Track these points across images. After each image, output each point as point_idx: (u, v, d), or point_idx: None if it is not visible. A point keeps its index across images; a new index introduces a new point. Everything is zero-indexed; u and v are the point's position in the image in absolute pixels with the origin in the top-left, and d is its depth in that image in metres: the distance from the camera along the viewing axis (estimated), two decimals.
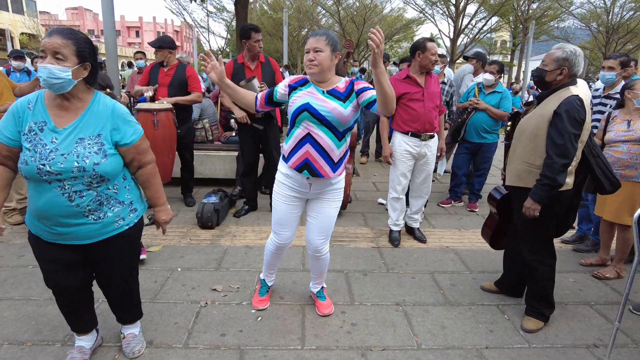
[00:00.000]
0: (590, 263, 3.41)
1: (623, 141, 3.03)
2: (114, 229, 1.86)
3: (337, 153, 2.19)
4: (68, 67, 1.62)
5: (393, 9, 24.05)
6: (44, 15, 36.72)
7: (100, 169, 1.71)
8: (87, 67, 1.70)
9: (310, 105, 2.10)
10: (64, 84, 1.63)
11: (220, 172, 5.23)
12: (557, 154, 2.23)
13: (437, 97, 3.56)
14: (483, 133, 4.46)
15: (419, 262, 3.39)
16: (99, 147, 1.72)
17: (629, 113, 3.08)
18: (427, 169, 3.65)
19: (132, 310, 2.20)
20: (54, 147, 1.66)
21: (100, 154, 1.71)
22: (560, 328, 2.55)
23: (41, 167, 1.63)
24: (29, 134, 1.67)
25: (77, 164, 1.66)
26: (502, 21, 23.08)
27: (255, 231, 3.94)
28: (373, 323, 2.54)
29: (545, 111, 2.33)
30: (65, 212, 1.71)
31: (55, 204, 1.69)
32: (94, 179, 1.72)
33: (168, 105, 4.00)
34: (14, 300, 2.65)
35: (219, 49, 26.31)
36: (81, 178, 1.69)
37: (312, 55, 2.08)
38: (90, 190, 1.73)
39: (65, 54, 1.61)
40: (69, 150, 1.66)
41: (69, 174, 1.66)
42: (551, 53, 2.36)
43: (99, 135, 1.73)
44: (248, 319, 2.53)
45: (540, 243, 2.52)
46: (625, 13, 19.90)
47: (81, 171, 1.67)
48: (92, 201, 1.75)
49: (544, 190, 2.28)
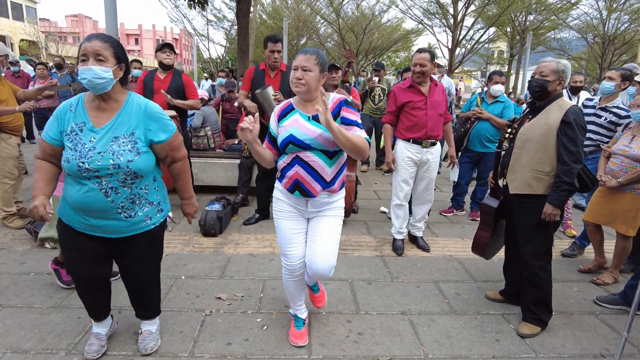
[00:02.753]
0: (589, 268, 3.47)
1: (619, 154, 3.11)
2: (142, 227, 1.98)
3: (329, 172, 2.10)
4: (109, 68, 1.77)
5: (391, 20, 24.21)
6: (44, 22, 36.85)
7: (134, 166, 1.82)
8: (123, 68, 1.85)
9: (294, 137, 2.04)
10: (106, 83, 1.78)
11: (222, 179, 5.22)
12: (573, 160, 2.34)
13: (440, 106, 3.57)
14: (486, 142, 4.49)
15: (423, 271, 3.39)
16: (132, 145, 1.83)
17: (638, 129, 3.11)
18: (429, 176, 3.66)
19: (151, 306, 2.27)
20: (92, 146, 1.79)
21: (133, 152, 1.82)
22: (566, 338, 2.54)
23: (81, 164, 1.76)
24: (71, 134, 1.82)
25: (112, 162, 1.78)
26: (500, 32, 23.35)
27: (259, 239, 3.93)
28: (379, 332, 2.52)
29: (550, 120, 2.40)
30: (101, 206, 1.83)
31: (92, 198, 1.81)
32: (128, 175, 1.83)
33: (172, 113, 4.02)
34: (17, 307, 2.63)
35: (218, 57, 26.43)
36: (117, 175, 1.81)
37: (300, 74, 2.00)
38: (125, 187, 1.85)
39: (106, 55, 1.77)
40: (104, 149, 1.79)
41: (105, 171, 1.78)
42: (548, 65, 2.45)
43: (133, 134, 1.85)
44: (254, 327, 2.52)
45: (542, 249, 2.55)
46: (620, 25, 20.16)
47: (116, 168, 1.79)
48: (126, 198, 1.87)
49: (564, 195, 2.37)
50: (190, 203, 2.26)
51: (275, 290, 2.96)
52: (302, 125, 2.06)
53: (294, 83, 2.03)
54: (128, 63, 1.90)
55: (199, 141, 5.48)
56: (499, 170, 2.76)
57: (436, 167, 3.67)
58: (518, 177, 2.54)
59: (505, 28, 23.07)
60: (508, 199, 2.66)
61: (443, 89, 3.65)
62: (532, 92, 2.51)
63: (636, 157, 2.98)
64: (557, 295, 2.99)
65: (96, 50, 1.75)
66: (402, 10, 21.63)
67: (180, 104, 4.21)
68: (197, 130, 5.49)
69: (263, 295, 2.89)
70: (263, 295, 2.90)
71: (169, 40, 43.30)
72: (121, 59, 1.84)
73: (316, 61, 2.02)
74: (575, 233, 4.20)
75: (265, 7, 23.73)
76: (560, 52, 23.80)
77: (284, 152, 2.13)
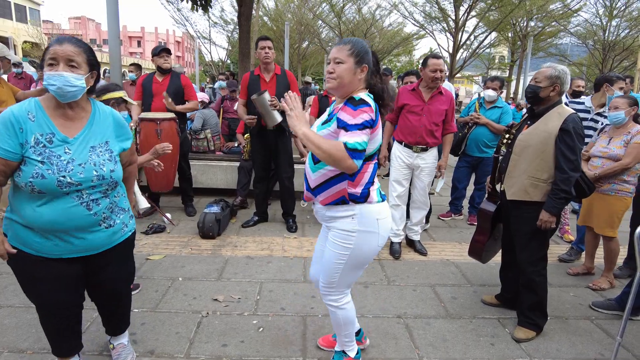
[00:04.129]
0: (577, 272, 3.51)
1: (599, 156, 3.16)
2: (121, 236, 1.89)
3: (312, 178, 1.86)
4: (82, 75, 1.62)
5: (392, 24, 24.33)
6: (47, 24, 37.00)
7: (116, 176, 1.75)
8: (94, 76, 1.71)
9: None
10: (78, 92, 1.62)
11: (221, 182, 5.24)
12: (571, 169, 2.35)
13: (438, 115, 3.56)
14: (484, 147, 4.51)
15: (419, 275, 3.40)
16: (109, 154, 1.74)
17: (614, 131, 3.17)
18: (422, 181, 3.68)
19: (126, 319, 2.18)
20: (70, 158, 1.63)
21: (112, 161, 1.74)
22: (561, 342, 2.55)
23: (61, 179, 1.60)
24: (37, 146, 1.59)
25: (97, 173, 1.67)
26: (501, 37, 23.42)
27: (257, 242, 3.95)
28: (374, 335, 2.53)
29: (549, 127, 2.41)
30: (83, 221, 1.70)
31: (72, 214, 1.66)
32: (110, 185, 1.76)
33: (171, 115, 4.05)
34: (14, 307, 2.64)
35: (220, 60, 26.52)
36: (99, 186, 1.71)
37: (332, 67, 1.77)
38: (105, 198, 1.76)
39: (78, 61, 1.61)
40: (85, 160, 1.66)
41: (88, 183, 1.66)
42: (543, 71, 2.47)
43: (107, 143, 1.75)
44: (249, 329, 2.53)
45: (538, 255, 2.56)
46: (620, 32, 20.23)
47: (100, 179, 1.69)
48: (106, 208, 1.78)
49: (561, 203, 2.39)
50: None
51: (272, 293, 2.98)
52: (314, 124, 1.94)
53: (326, 77, 1.84)
54: (100, 70, 1.77)
55: (199, 144, 5.52)
56: (496, 175, 2.78)
57: (429, 173, 3.68)
58: (515, 183, 2.55)
59: (507, 33, 23.13)
60: (505, 204, 2.67)
61: (450, 99, 3.62)
62: (526, 98, 2.55)
63: (616, 157, 3.05)
64: (553, 300, 3.01)
65: (68, 55, 1.58)
66: (403, 15, 21.67)
67: (181, 110, 4.23)
68: (197, 132, 5.53)
69: (260, 298, 2.90)
70: (260, 297, 2.91)
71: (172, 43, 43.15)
72: (94, 66, 1.69)
73: (350, 51, 1.74)
74: (572, 238, 4.21)
75: (267, 10, 23.84)
76: (561, 58, 23.87)
77: None
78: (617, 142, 3.09)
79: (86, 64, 1.64)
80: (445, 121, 3.64)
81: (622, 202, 3.11)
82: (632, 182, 3.08)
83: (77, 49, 1.61)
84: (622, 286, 3.13)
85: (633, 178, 3.08)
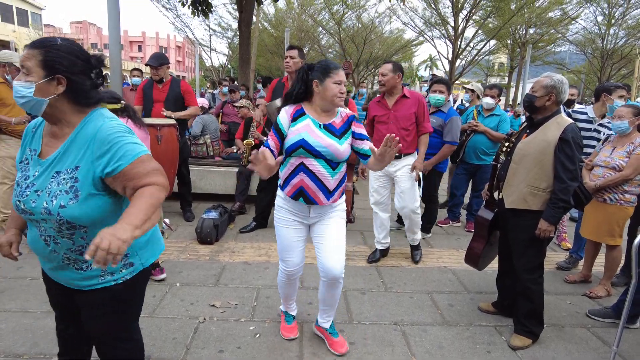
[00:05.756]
0: (575, 280, 3.52)
1: (602, 166, 3.17)
2: (99, 283, 1.49)
3: (332, 182, 2.16)
4: (31, 82, 1.30)
5: (392, 31, 24.43)
6: (49, 28, 37.20)
7: (66, 214, 1.34)
8: (62, 82, 1.34)
9: (306, 142, 2.08)
10: (32, 103, 1.33)
11: (220, 187, 5.26)
12: (570, 178, 2.36)
13: (405, 119, 3.48)
14: (481, 155, 4.54)
15: (417, 282, 3.40)
16: (71, 183, 1.35)
17: (617, 141, 3.18)
18: (400, 188, 3.59)
19: None
20: (31, 182, 1.39)
21: (70, 194, 1.34)
22: (557, 350, 2.55)
23: (17, 203, 1.39)
24: (22, 163, 1.46)
25: (45, 205, 1.34)
26: (500, 44, 23.55)
27: (254, 247, 3.95)
28: (371, 342, 2.53)
29: (548, 137, 2.43)
30: (46, 254, 1.45)
31: (37, 243, 1.44)
32: (62, 225, 1.36)
33: (172, 121, 4.06)
34: (11, 312, 2.64)
35: (221, 65, 26.62)
36: (50, 222, 1.36)
37: (343, 89, 2.16)
38: (63, 238, 1.40)
39: (28, 66, 1.31)
40: (43, 187, 1.36)
41: (39, 215, 1.36)
42: (540, 80, 2.50)
43: (76, 168, 1.36)
44: (246, 335, 2.53)
45: (535, 263, 2.58)
46: (619, 40, 20.36)
47: (47, 214, 1.34)
48: (69, 250, 1.42)
49: (559, 212, 2.40)
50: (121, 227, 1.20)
51: (269, 299, 2.98)
52: (314, 132, 2.11)
53: (339, 97, 2.12)
54: (81, 75, 1.37)
55: (198, 149, 5.53)
56: (494, 183, 2.79)
57: (406, 178, 3.54)
58: (514, 191, 2.56)
59: (506, 40, 23.27)
60: (503, 212, 2.69)
61: (417, 100, 3.50)
62: (524, 107, 2.57)
63: (618, 167, 3.06)
64: (550, 308, 3.01)
65: (22, 61, 1.33)
66: (403, 22, 21.82)
67: (180, 116, 4.25)
68: (196, 138, 5.54)
69: (257, 304, 2.91)
70: (257, 303, 2.92)
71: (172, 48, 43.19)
72: (55, 70, 1.32)
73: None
74: (569, 246, 4.23)
75: (268, 17, 23.97)
76: (560, 66, 24.00)
77: (289, 156, 2.14)
78: (620, 152, 3.09)
79: (40, 67, 1.31)
80: (418, 123, 3.53)
81: (623, 212, 3.11)
82: (633, 191, 3.08)
83: (30, 52, 1.32)
84: (619, 294, 3.14)
85: (634, 188, 3.08)
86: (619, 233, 3.15)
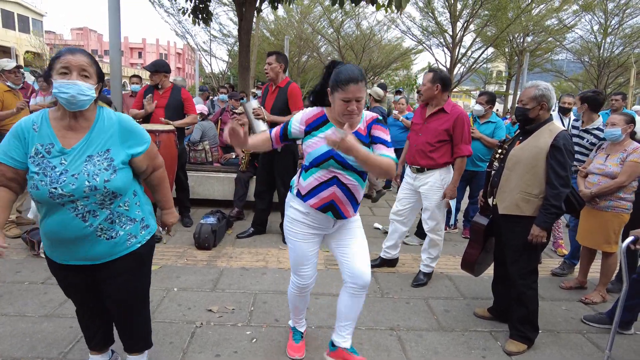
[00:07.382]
0: (570, 286, 3.54)
1: (596, 173, 3.20)
2: (126, 248, 1.81)
3: (361, 193, 2.12)
4: (93, 85, 1.67)
5: (391, 40, 24.61)
6: (50, 35, 37.35)
7: (111, 186, 1.68)
8: (100, 87, 1.75)
9: (337, 153, 1.93)
10: (88, 101, 1.66)
11: (218, 193, 5.28)
12: (562, 185, 2.40)
13: (434, 135, 3.28)
14: (477, 161, 4.57)
15: (413, 288, 3.42)
16: (108, 162, 1.69)
17: (611, 148, 3.22)
18: (425, 202, 3.42)
19: (138, 338, 2.05)
20: (64, 169, 1.63)
21: (110, 170, 1.68)
22: (552, 356, 2.57)
23: (53, 190, 1.61)
24: (36, 157, 1.64)
25: (88, 183, 1.63)
26: (498, 52, 23.72)
27: (252, 253, 3.97)
28: (367, 347, 2.55)
29: (541, 143, 2.47)
30: (79, 233, 1.68)
31: (68, 225, 1.66)
32: (107, 196, 1.69)
33: (170, 127, 4.10)
34: (9, 316, 2.66)
35: (220, 72, 26.74)
36: (93, 197, 1.66)
37: (356, 106, 1.89)
38: (103, 209, 1.71)
39: (90, 72, 1.66)
40: (79, 170, 1.63)
41: (81, 194, 1.63)
42: (527, 92, 2.54)
43: (108, 150, 1.71)
44: (243, 340, 2.54)
45: (529, 268, 2.60)
46: (615, 49, 20.53)
47: (93, 190, 1.64)
48: (105, 220, 1.72)
49: (551, 218, 2.43)
50: (170, 212, 2.10)
51: (265, 304, 2.99)
52: None
53: (346, 116, 1.91)
54: (101, 81, 1.77)
55: (197, 155, 5.57)
56: (488, 190, 2.83)
57: (431, 197, 3.36)
58: (507, 198, 2.60)
59: (504, 48, 23.44)
60: (497, 218, 2.72)
61: (454, 118, 3.24)
62: (517, 120, 2.62)
63: (612, 174, 3.09)
64: (546, 314, 3.03)
65: (82, 65, 1.64)
66: (402, 31, 21.97)
67: (180, 124, 4.29)
68: (195, 144, 5.58)
69: (254, 309, 2.92)
70: (254, 308, 2.93)
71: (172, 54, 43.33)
72: (101, 78, 1.74)
73: (364, 84, 1.89)
74: (565, 252, 4.25)
75: (268, 24, 24.14)
76: (558, 74, 24.15)
77: (317, 167, 2.01)
78: (614, 160, 3.13)
79: (96, 75, 1.70)
80: (453, 143, 3.29)
81: (618, 219, 3.14)
82: (628, 198, 3.11)
83: (89, 60, 1.68)
84: (614, 300, 3.16)
85: (629, 195, 3.11)
86: (615, 240, 3.18)
